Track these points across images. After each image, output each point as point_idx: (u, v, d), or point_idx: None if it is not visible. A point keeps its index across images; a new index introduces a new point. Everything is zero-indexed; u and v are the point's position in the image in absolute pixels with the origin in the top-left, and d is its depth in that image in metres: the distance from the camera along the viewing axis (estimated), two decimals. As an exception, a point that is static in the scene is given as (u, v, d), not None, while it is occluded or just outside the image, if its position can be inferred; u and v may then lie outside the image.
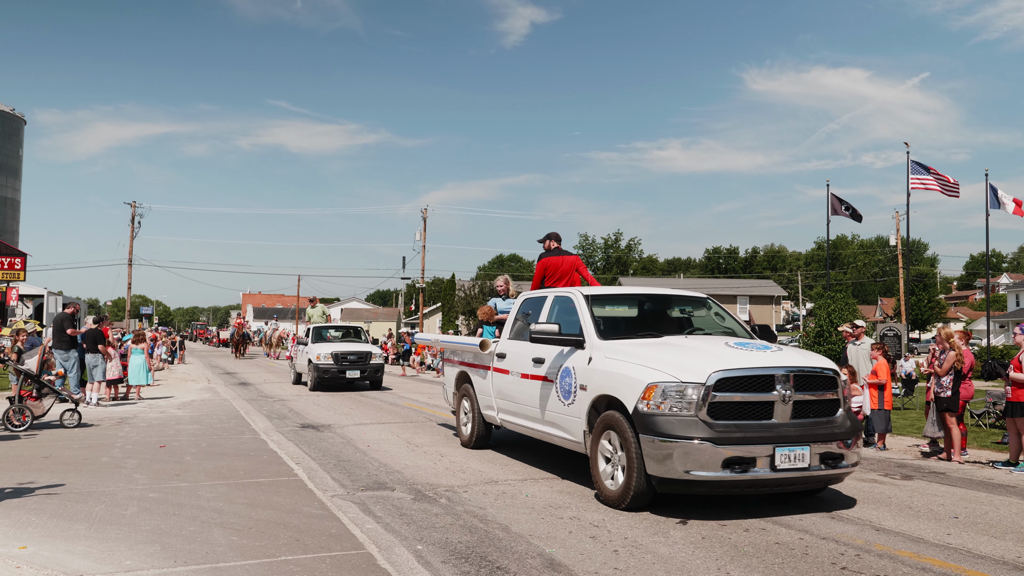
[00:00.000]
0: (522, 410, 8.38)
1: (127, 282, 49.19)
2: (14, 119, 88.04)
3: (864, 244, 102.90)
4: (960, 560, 5.24)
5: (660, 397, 6.10)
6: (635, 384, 6.31)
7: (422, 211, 50.26)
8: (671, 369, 6.22)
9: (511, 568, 4.93)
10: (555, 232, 10.19)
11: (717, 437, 5.92)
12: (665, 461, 5.98)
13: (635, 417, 6.21)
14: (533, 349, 8.10)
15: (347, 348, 19.71)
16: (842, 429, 6.39)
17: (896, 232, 45.59)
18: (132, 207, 48.38)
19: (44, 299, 43.75)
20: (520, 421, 8.50)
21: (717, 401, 6.06)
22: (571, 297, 8.03)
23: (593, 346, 7.17)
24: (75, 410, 11.63)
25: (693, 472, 5.91)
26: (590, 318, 7.50)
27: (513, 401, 8.62)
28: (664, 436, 5.99)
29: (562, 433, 7.51)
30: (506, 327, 9.22)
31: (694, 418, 6.01)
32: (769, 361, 6.37)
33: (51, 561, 4.91)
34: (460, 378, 10.37)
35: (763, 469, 6.00)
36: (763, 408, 6.17)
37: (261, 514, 6.20)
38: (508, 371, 8.72)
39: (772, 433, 6.09)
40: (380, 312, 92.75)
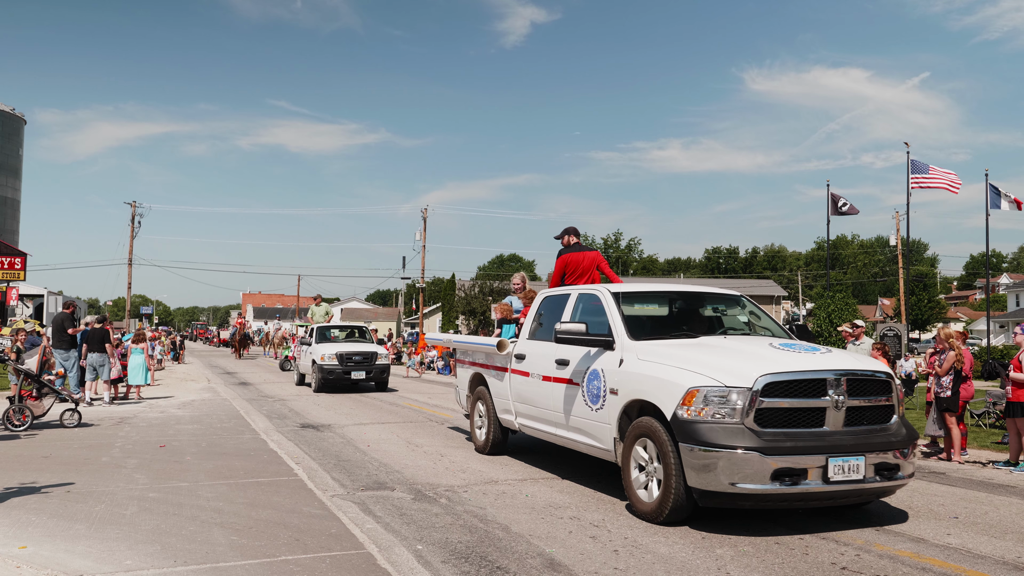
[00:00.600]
0: (544, 415, 7.96)
1: (127, 282, 49.21)
2: (14, 119, 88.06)
3: (864, 244, 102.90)
4: (960, 560, 5.24)
5: (702, 403, 5.66)
6: (674, 388, 5.87)
7: (422, 211, 50.30)
8: (714, 372, 5.79)
9: (511, 568, 4.93)
10: (573, 227, 9.76)
11: (765, 446, 5.48)
12: (708, 472, 5.54)
13: (674, 424, 5.77)
14: (556, 350, 7.66)
15: (352, 348, 19.14)
16: (898, 437, 5.94)
17: (896, 232, 45.60)
18: (132, 207, 48.40)
19: (44, 299, 43.80)
20: (541, 426, 8.07)
21: (764, 407, 5.61)
22: (597, 295, 7.56)
23: (624, 347, 6.72)
24: (75, 410, 11.63)
25: (740, 484, 5.46)
26: (619, 317, 7.03)
27: (534, 405, 8.19)
28: (707, 445, 5.54)
29: (589, 440, 7.06)
30: (525, 327, 8.78)
31: (740, 426, 5.57)
32: (820, 364, 5.92)
33: (51, 561, 4.91)
34: (474, 380, 9.96)
35: (815, 481, 5.56)
36: (814, 415, 5.74)
37: (261, 514, 6.20)
38: (528, 373, 8.27)
39: (824, 442, 5.63)
40: (380, 312, 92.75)
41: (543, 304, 8.63)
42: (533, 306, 8.81)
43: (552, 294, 8.61)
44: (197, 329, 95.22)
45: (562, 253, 9.52)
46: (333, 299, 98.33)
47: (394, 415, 13.80)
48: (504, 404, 8.93)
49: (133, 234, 48.74)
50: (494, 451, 9.26)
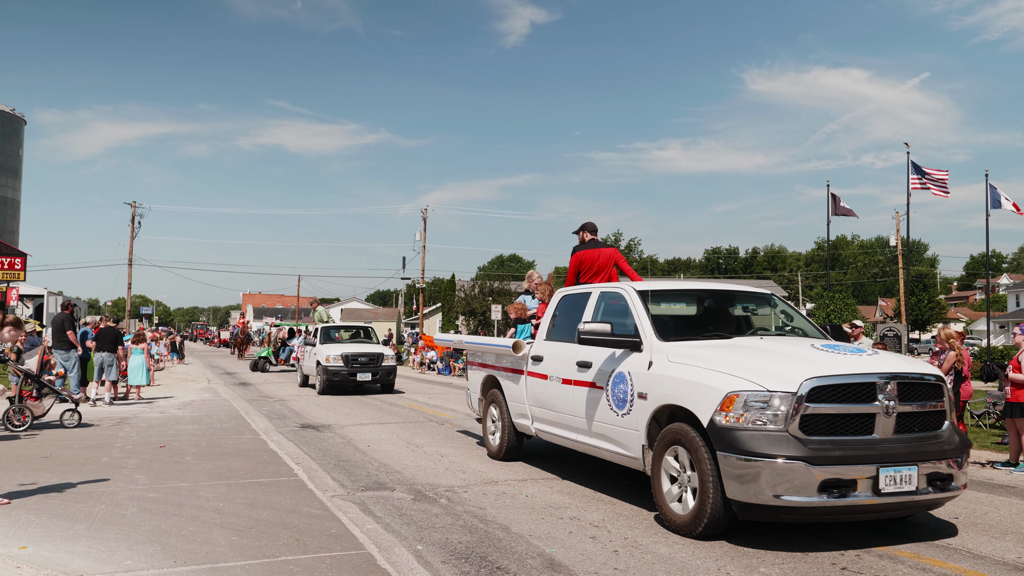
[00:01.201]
0: (563, 420, 7.54)
1: (127, 282, 49.22)
2: (14, 119, 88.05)
3: (864, 244, 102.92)
4: (960, 560, 5.24)
5: (742, 408, 5.29)
6: (711, 393, 5.48)
7: (422, 211, 50.34)
8: (754, 376, 5.40)
9: (511, 568, 4.93)
10: (590, 223, 9.32)
11: (812, 455, 5.11)
12: (749, 483, 5.16)
13: (711, 431, 5.40)
14: (577, 351, 7.27)
15: (358, 349, 18.80)
16: (951, 445, 5.57)
17: (896, 232, 45.60)
18: (132, 207, 48.42)
19: (44, 299, 43.78)
20: (560, 432, 7.66)
21: (810, 413, 5.24)
22: (621, 293, 7.15)
23: (653, 348, 6.32)
24: (75, 410, 11.63)
25: (784, 497, 5.09)
26: (647, 317, 6.63)
27: (552, 409, 7.78)
28: (748, 454, 5.17)
29: (614, 447, 6.67)
30: (542, 327, 8.36)
31: (783, 433, 5.20)
32: (868, 366, 5.52)
33: (51, 561, 4.91)
34: (487, 383, 9.53)
35: (864, 493, 5.18)
36: (863, 421, 5.36)
37: (261, 514, 6.20)
38: (546, 376, 7.86)
39: (874, 451, 5.26)
40: (380, 312, 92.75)
41: (561, 304, 8.25)
42: (550, 306, 8.43)
43: (571, 293, 8.21)
44: (197, 329, 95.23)
45: (577, 250, 9.14)
46: (333, 299, 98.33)
47: (394, 415, 13.80)
48: (520, 408, 8.54)
49: (133, 234, 48.79)
50: (508, 457, 8.89)
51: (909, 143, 26.65)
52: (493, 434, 9.21)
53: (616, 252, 9.07)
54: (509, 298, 61.67)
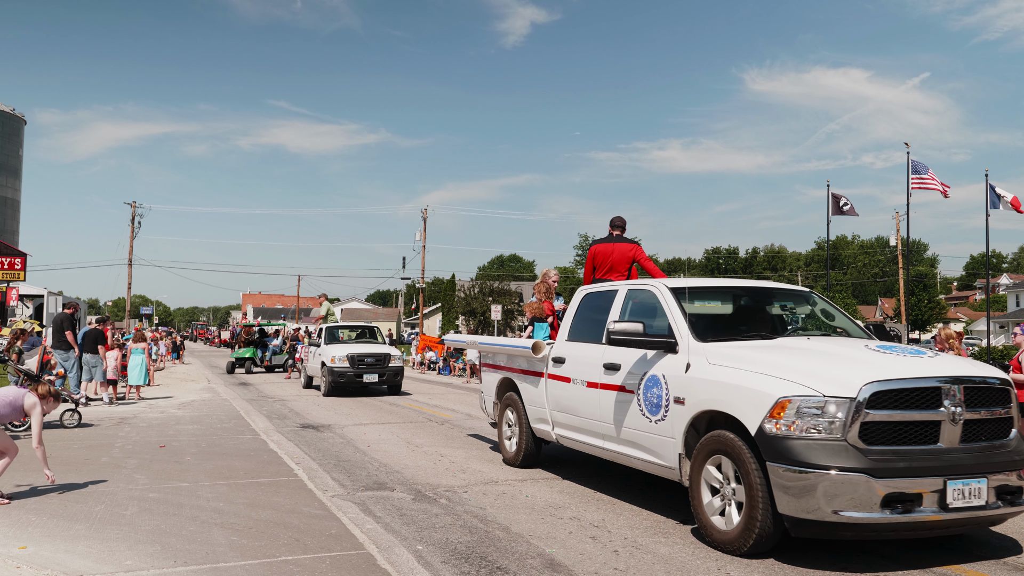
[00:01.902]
0: (588, 425, 7.09)
1: (127, 282, 49.24)
2: (14, 119, 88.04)
3: (864, 244, 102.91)
4: (960, 560, 5.24)
5: (794, 415, 4.89)
6: (759, 398, 5.07)
7: (422, 211, 50.37)
8: (808, 379, 4.99)
9: (511, 568, 4.93)
10: (617, 216, 8.90)
11: (873, 467, 4.72)
12: (804, 497, 4.77)
13: (759, 440, 5.00)
14: (603, 353, 6.84)
15: (364, 350, 18.25)
16: (1021, 455, 5.18)
17: (896, 232, 45.61)
18: (132, 207, 48.44)
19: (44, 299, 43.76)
20: (585, 438, 7.20)
21: (870, 421, 4.83)
22: (652, 291, 6.71)
23: (690, 349, 5.90)
24: (75, 410, 11.63)
25: (844, 512, 4.70)
26: (682, 315, 6.20)
27: (576, 414, 7.31)
28: (802, 465, 4.77)
29: (646, 455, 6.24)
30: (563, 327, 7.91)
31: (842, 443, 4.81)
32: (932, 369, 5.11)
33: (51, 561, 4.91)
34: (503, 386, 9.09)
35: (930, 508, 4.78)
36: (927, 429, 4.95)
37: (261, 514, 6.20)
38: (569, 379, 7.40)
39: (941, 462, 4.86)
40: (380, 312, 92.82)
41: (584, 302, 7.78)
42: (571, 305, 8.00)
43: (594, 291, 7.75)
44: (197, 329, 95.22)
45: (593, 244, 8.76)
46: (333, 299, 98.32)
47: (394, 415, 13.81)
48: (539, 413, 8.09)
49: (133, 234, 48.82)
50: (526, 463, 8.46)
51: (909, 143, 26.65)
52: (509, 439, 8.80)
53: (637, 248, 8.63)
54: (509, 298, 61.75)
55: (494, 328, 37.24)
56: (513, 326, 58.77)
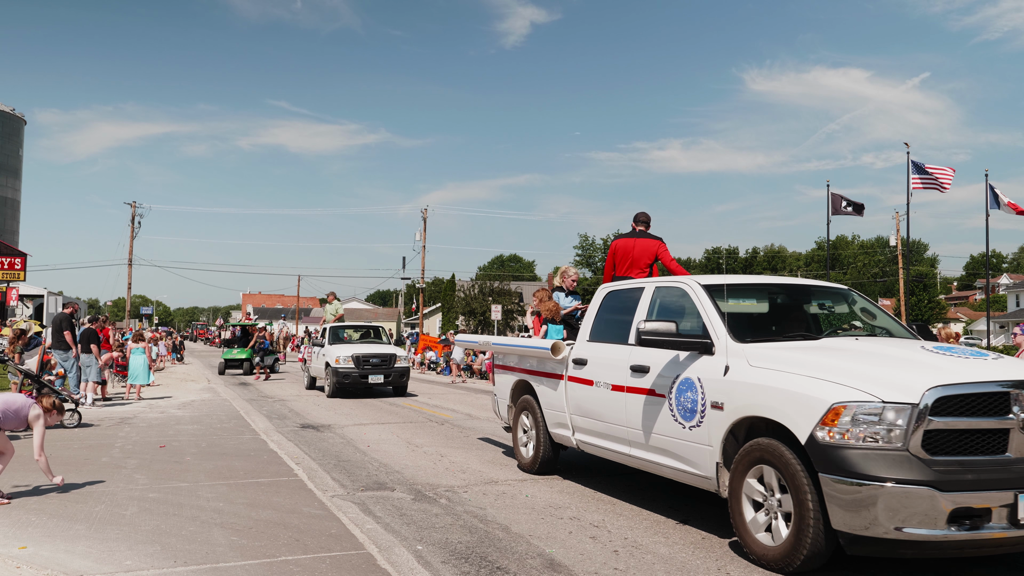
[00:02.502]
0: (613, 431, 6.70)
1: (127, 282, 49.24)
2: (14, 119, 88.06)
3: (864, 244, 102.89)
4: (960, 559, 5.23)
5: (850, 422, 4.52)
6: (810, 404, 4.70)
7: (422, 211, 50.38)
8: (864, 383, 4.64)
9: (511, 568, 4.93)
10: (642, 212, 8.63)
11: (939, 480, 4.35)
12: (861, 512, 4.40)
13: (811, 449, 4.63)
14: (630, 354, 6.47)
15: (369, 350, 17.76)
16: None
17: (896, 232, 45.62)
18: (132, 207, 48.45)
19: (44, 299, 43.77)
20: (610, 445, 6.81)
21: (934, 428, 4.45)
22: (683, 288, 6.35)
23: (729, 351, 5.54)
24: (75, 410, 11.63)
25: (907, 529, 4.33)
26: (718, 314, 5.83)
27: (599, 419, 6.93)
28: (860, 477, 4.40)
29: (678, 464, 5.85)
30: (584, 327, 7.57)
31: (903, 452, 4.43)
32: (998, 373, 4.70)
33: (51, 561, 4.91)
34: (518, 388, 8.70)
35: (999, 524, 4.39)
36: (995, 438, 4.55)
37: (261, 514, 6.20)
38: (591, 382, 7.02)
39: (1011, 473, 4.47)
40: (380, 312, 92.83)
41: (606, 300, 7.42)
42: (592, 303, 7.60)
43: (618, 288, 7.36)
44: (198, 329, 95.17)
45: (614, 239, 8.50)
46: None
47: (394, 415, 13.81)
48: (558, 417, 7.70)
49: (133, 234, 48.83)
50: (544, 470, 8.07)
51: (909, 143, 26.66)
52: (525, 445, 8.39)
53: (660, 245, 8.32)
54: (509, 298, 61.74)
55: (494, 328, 37.25)
56: (513, 326, 58.78)
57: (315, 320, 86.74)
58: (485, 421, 13.08)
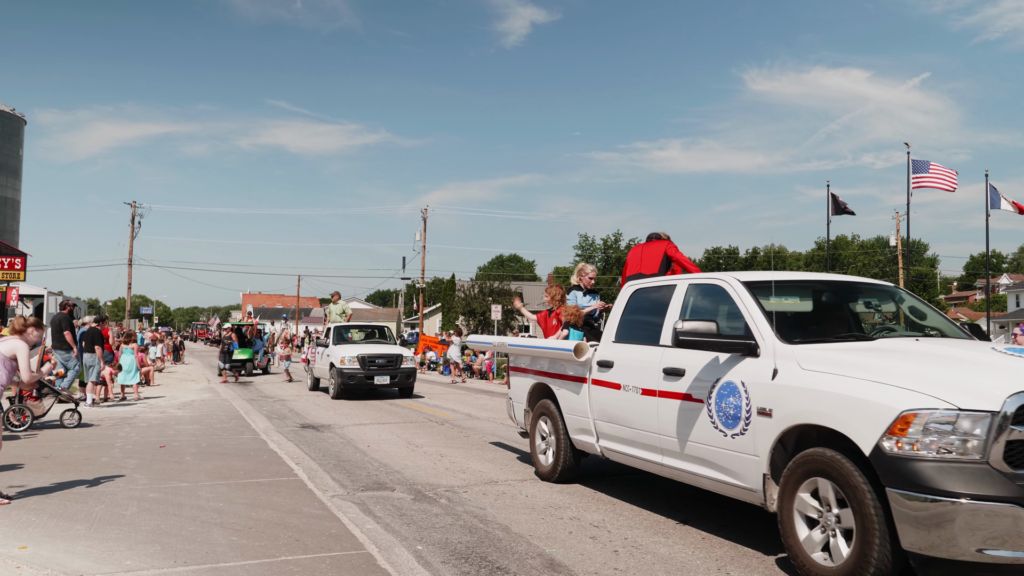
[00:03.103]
0: (643, 438, 6.27)
1: (127, 282, 49.23)
2: (14, 119, 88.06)
3: (864, 244, 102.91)
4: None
5: (921, 432, 4.11)
6: (876, 411, 4.30)
7: (422, 211, 50.36)
8: (935, 389, 4.22)
9: (511, 568, 4.93)
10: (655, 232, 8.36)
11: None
12: (936, 531, 3.99)
13: (876, 461, 4.23)
14: (662, 356, 6.06)
15: (375, 350, 17.37)
16: None
17: (896, 232, 45.63)
18: (132, 207, 48.44)
19: (44, 299, 43.79)
20: (639, 453, 6.37)
21: (1017, 439, 4.06)
22: (720, 286, 5.92)
23: (776, 352, 5.10)
24: (75, 410, 11.64)
25: (991, 552, 3.93)
26: (762, 314, 5.39)
27: (627, 425, 6.48)
28: (934, 493, 3.99)
29: (719, 475, 5.42)
30: (609, 327, 7.12)
31: (983, 466, 4.02)
32: None
33: (51, 561, 4.91)
34: (536, 392, 8.26)
35: None
36: None
37: (261, 514, 6.20)
38: (619, 385, 6.57)
39: None
40: (380, 312, 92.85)
41: (634, 299, 6.99)
42: (618, 302, 7.21)
43: (646, 287, 6.94)
44: (198, 330, 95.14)
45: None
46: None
47: (394, 415, 13.81)
48: (580, 423, 7.25)
49: (133, 234, 48.81)
50: (564, 478, 7.62)
51: (909, 143, 26.62)
52: (544, 452, 7.93)
53: (666, 244, 8.06)
54: (509, 298, 61.69)
55: (494, 328, 37.25)
56: (513, 325, 58.78)
57: (315, 320, 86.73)
58: (485, 421, 13.09)
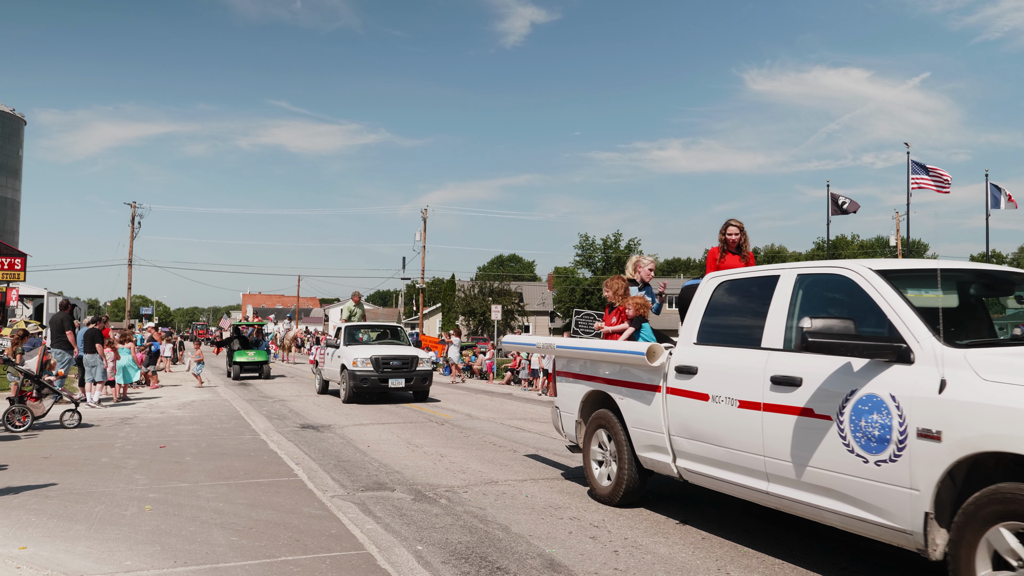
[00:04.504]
0: (741, 460, 5.25)
1: (127, 282, 49.23)
2: (14, 119, 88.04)
3: (864, 244, 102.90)
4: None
5: None
6: None
7: (422, 211, 50.31)
8: None
9: (511, 568, 4.93)
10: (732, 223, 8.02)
11: None
12: None
13: None
14: (767, 362, 5.09)
15: (389, 352, 16.52)
16: None
17: (896, 232, 45.62)
18: (132, 207, 48.44)
19: (44, 299, 43.80)
20: (734, 477, 5.36)
21: None
22: (846, 276, 4.86)
23: (941, 359, 4.08)
24: (75, 410, 11.64)
25: None
26: (910, 310, 4.41)
27: (716, 443, 5.47)
28: None
29: (855, 510, 4.41)
30: (688, 327, 6.13)
31: None
32: None
33: (51, 561, 4.91)
34: (591, 401, 7.28)
35: None
36: None
37: (261, 514, 6.20)
38: (706, 395, 5.58)
39: None
40: (380, 312, 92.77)
41: (720, 293, 6.02)
42: (699, 297, 6.18)
43: (738, 279, 5.96)
44: (197, 330, 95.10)
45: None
46: (333, 299, 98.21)
47: (394, 415, 13.81)
48: (651, 438, 6.26)
49: (133, 234, 48.83)
50: (628, 501, 6.62)
51: (909, 143, 26.69)
52: (602, 469, 6.99)
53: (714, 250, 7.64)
54: (509, 298, 61.69)
55: (494, 328, 37.24)
56: (513, 325, 58.78)
57: (315, 320, 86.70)
58: (485, 421, 13.09)
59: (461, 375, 25.99)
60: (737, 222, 7.90)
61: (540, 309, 67.58)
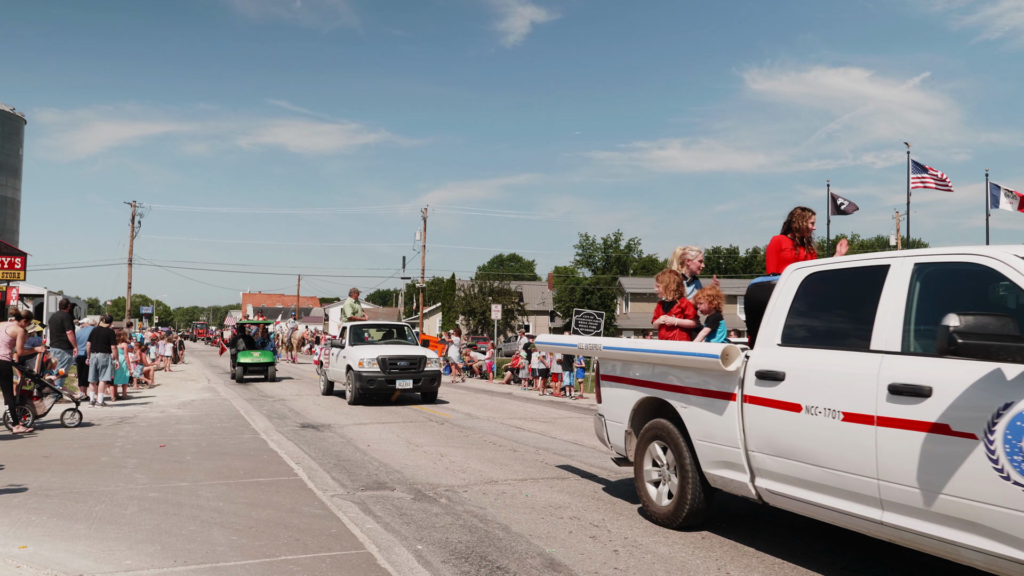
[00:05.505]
0: (845, 482, 4.50)
1: (127, 282, 49.22)
2: (14, 119, 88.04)
3: (864, 244, 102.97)
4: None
5: None
6: None
7: (422, 211, 50.30)
8: None
9: (511, 568, 4.93)
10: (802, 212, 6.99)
11: None
12: None
13: None
14: (880, 366, 4.36)
15: (397, 352, 15.99)
16: None
17: (896, 232, 45.64)
18: (132, 207, 48.43)
19: (44, 299, 43.79)
20: (836, 503, 4.60)
21: None
22: (983, 265, 4.16)
23: None
24: (76, 410, 11.64)
25: None
26: None
27: (811, 462, 4.72)
28: None
29: (1011, 551, 3.66)
30: (768, 325, 5.35)
31: None
32: None
33: (51, 561, 4.91)
34: (645, 409, 6.48)
35: None
36: None
37: (261, 514, 6.20)
38: (798, 406, 4.80)
39: None
40: (380, 312, 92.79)
41: (809, 287, 5.25)
42: (781, 290, 5.41)
43: (832, 270, 5.14)
44: (197, 329, 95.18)
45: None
46: (333, 299, 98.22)
47: (394, 415, 13.81)
48: (722, 453, 5.48)
49: (133, 234, 48.80)
50: (691, 522, 5.83)
51: (909, 143, 26.64)
52: (658, 486, 6.22)
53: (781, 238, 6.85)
54: (509, 298, 61.69)
55: (494, 328, 37.24)
56: (513, 325, 58.76)
57: (315, 320, 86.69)
58: (485, 421, 13.10)
59: (461, 374, 26.00)
60: (813, 211, 7.03)
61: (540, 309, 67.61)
